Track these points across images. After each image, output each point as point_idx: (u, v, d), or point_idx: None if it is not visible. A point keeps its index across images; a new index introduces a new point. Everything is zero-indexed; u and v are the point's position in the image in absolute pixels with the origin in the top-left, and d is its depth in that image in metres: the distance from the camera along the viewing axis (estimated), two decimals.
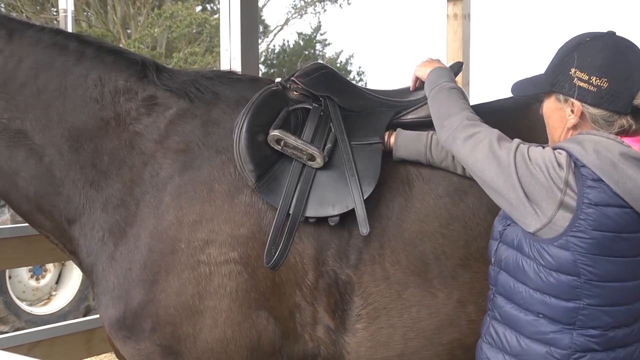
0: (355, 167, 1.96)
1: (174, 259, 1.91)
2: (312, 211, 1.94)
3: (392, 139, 2.03)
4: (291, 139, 1.95)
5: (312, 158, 1.96)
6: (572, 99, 1.62)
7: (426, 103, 2.09)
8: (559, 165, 1.58)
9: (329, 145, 2.00)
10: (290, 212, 1.92)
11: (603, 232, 1.54)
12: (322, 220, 1.95)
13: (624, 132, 1.61)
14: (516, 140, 1.68)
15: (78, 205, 2.01)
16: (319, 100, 2.11)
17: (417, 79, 2.16)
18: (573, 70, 1.61)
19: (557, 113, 1.69)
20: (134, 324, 1.94)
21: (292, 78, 2.16)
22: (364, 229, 1.89)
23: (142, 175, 1.98)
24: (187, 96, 2.09)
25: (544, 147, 1.66)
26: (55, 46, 2.05)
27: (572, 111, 1.64)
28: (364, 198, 1.92)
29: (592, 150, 1.56)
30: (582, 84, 1.59)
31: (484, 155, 1.66)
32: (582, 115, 1.62)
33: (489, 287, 1.84)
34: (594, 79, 1.58)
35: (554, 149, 1.65)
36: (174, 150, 2.01)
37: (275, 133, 1.95)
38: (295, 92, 2.13)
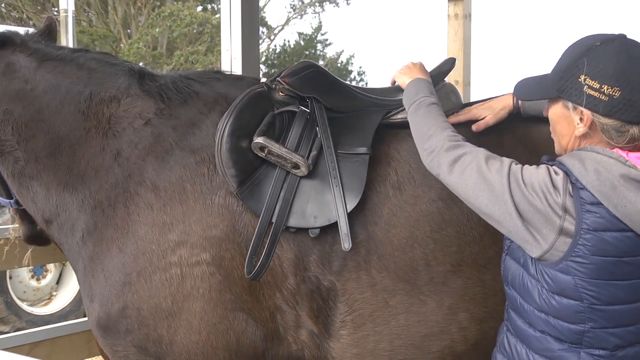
0: (341, 178, 1.91)
1: (145, 260, 1.90)
2: (294, 221, 1.90)
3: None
4: (275, 147, 1.91)
5: (296, 166, 1.92)
6: (582, 108, 1.55)
7: None
8: (555, 188, 1.51)
9: (314, 153, 1.95)
10: (273, 220, 1.88)
11: (603, 257, 1.48)
12: (304, 230, 1.92)
13: (634, 142, 1.54)
14: (506, 161, 1.61)
15: (52, 206, 2.06)
16: (305, 101, 2.06)
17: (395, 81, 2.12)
18: (583, 77, 1.53)
19: (564, 120, 1.61)
20: (108, 325, 1.94)
21: (278, 78, 2.12)
22: (345, 244, 1.86)
23: (117, 178, 2.00)
24: (162, 98, 2.10)
25: (538, 166, 1.59)
26: (64, 72, 2.15)
27: (581, 120, 1.56)
28: (348, 212, 1.88)
29: (593, 170, 1.50)
30: (592, 92, 1.51)
31: (474, 181, 1.59)
32: (592, 125, 1.55)
33: (480, 294, 1.82)
34: (605, 88, 1.50)
35: (553, 164, 1.60)
36: (147, 151, 2.01)
37: (258, 140, 1.92)
38: (281, 92, 2.09)
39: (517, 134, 2.07)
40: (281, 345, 1.96)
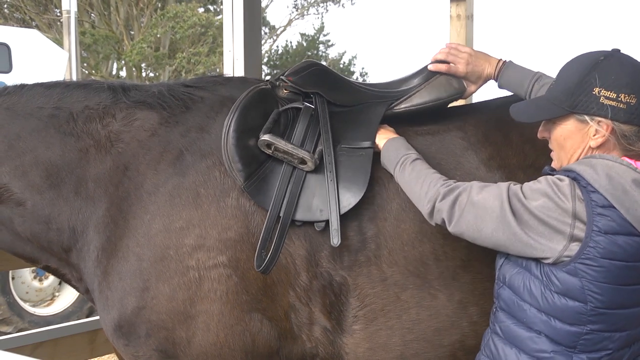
0: (337, 173, 1.94)
1: (163, 265, 1.91)
2: (300, 215, 1.92)
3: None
4: (281, 144, 1.93)
5: (303, 162, 1.94)
6: (599, 118, 1.60)
7: (418, 90, 2.11)
8: (564, 195, 1.55)
9: (320, 148, 1.97)
10: (281, 214, 1.90)
11: (612, 261, 1.52)
12: (310, 223, 1.93)
13: None
14: (503, 185, 1.64)
15: (69, 234, 2.04)
16: (309, 97, 2.08)
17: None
18: (597, 90, 1.59)
19: (577, 134, 1.65)
20: (129, 331, 1.96)
21: (282, 77, 2.14)
22: (335, 239, 1.88)
23: (128, 190, 1.99)
24: (164, 106, 2.09)
25: (538, 180, 1.63)
26: (19, 102, 2.09)
27: (598, 130, 1.61)
28: (352, 205, 1.90)
29: (605, 175, 1.54)
30: (611, 102, 1.58)
31: (473, 216, 1.63)
32: (611, 132, 1.60)
33: (490, 289, 1.82)
34: (622, 97, 1.57)
35: (557, 173, 1.63)
36: (157, 161, 2.01)
37: (265, 138, 1.93)
38: (285, 90, 2.11)
39: (526, 134, 2.07)
40: (295, 343, 1.97)
